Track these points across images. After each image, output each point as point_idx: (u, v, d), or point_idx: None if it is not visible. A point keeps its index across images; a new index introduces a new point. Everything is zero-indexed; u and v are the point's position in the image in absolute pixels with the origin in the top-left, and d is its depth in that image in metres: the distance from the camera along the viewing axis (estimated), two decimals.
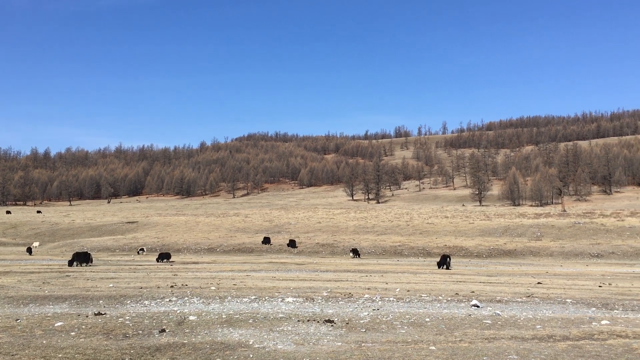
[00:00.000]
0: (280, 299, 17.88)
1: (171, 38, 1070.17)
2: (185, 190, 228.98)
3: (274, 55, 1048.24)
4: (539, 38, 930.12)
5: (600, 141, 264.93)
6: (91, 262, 38.14)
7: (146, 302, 17.30)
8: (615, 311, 16.06)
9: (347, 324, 13.49)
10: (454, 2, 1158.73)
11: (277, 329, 12.88)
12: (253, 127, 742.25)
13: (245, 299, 17.88)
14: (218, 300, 17.64)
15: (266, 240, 61.13)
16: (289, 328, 12.94)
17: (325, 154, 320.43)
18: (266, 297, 18.32)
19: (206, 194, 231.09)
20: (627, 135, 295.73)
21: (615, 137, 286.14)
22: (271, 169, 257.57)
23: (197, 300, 17.63)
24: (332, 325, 13.30)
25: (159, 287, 21.61)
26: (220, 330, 12.66)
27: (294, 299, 17.86)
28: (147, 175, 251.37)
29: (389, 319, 14.11)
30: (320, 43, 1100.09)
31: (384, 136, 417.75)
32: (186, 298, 18.14)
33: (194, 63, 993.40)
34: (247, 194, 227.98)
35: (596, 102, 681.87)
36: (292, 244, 59.70)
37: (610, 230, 61.24)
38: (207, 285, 22.37)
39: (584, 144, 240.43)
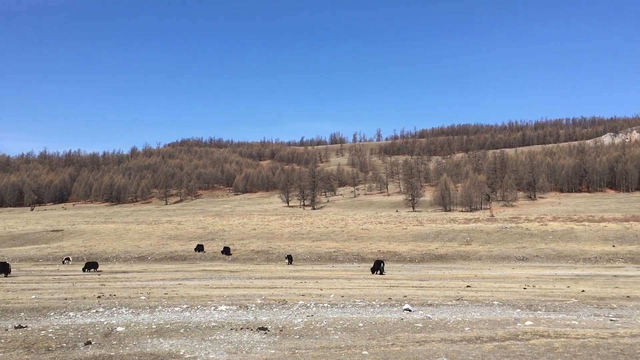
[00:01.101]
0: (213, 308, 17.53)
1: (99, 41, 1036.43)
2: (115, 197, 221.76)
3: (207, 61, 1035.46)
4: (469, 51, 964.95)
5: (526, 149, 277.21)
6: (9, 272, 36.11)
7: (71, 313, 16.53)
8: (538, 312, 16.71)
9: (281, 331, 13.36)
10: (390, 14, 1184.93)
11: (210, 338, 12.59)
12: (187, 133, 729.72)
13: (176, 308, 17.42)
14: (148, 310, 17.09)
15: (199, 248, 60.05)
16: (222, 337, 12.68)
17: (260, 160, 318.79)
18: (199, 306, 17.91)
19: (137, 201, 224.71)
20: (550, 143, 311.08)
21: (539, 145, 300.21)
22: (205, 175, 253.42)
23: (125, 311, 17.00)
24: (265, 333, 13.14)
25: (85, 298, 20.73)
26: (149, 341, 12.23)
27: (228, 307, 17.56)
28: (74, 181, 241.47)
29: (323, 324, 14.08)
30: (255, 50, 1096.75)
31: (319, 143, 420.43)
32: (114, 308, 17.48)
33: (124, 67, 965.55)
34: (181, 200, 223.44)
35: (522, 112, 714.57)
36: (226, 251, 58.93)
37: (535, 235, 63.96)
38: (137, 295, 21.65)
39: (510, 151, 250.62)
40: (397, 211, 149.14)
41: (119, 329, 13.64)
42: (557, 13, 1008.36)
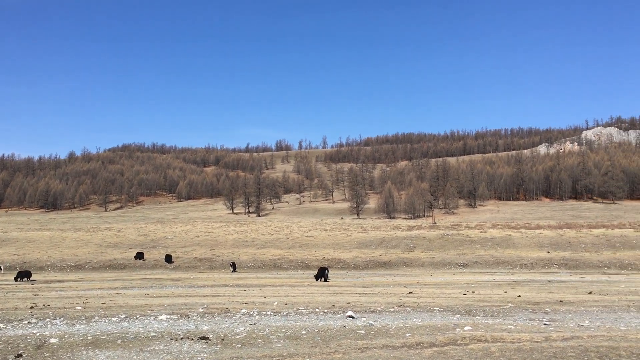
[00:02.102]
0: (152, 317, 17.08)
1: (35, 42, 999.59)
2: (52, 203, 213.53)
3: (150, 65, 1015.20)
4: (413, 63, 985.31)
5: (467, 158, 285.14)
6: None
7: (1, 325, 15.75)
8: (477, 317, 17.12)
9: (223, 340, 13.15)
10: (337, 22, 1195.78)
11: (148, 348, 12.24)
12: (128, 138, 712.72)
13: (114, 318, 16.87)
14: (84, 321, 16.48)
15: (139, 256, 58.56)
16: (161, 347, 12.36)
17: (205, 167, 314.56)
18: (138, 316, 17.42)
19: (75, 208, 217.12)
20: (490, 152, 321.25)
21: (480, 155, 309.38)
22: (147, 182, 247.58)
23: (60, 322, 16.34)
24: (207, 342, 12.90)
25: (16, 309, 19.80)
26: (84, 353, 11.79)
27: (168, 317, 17.15)
28: (7, 187, 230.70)
29: (265, 333, 13.96)
30: (199, 56, 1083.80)
31: (265, 149, 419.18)
32: (48, 319, 16.76)
33: (62, 69, 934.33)
34: (121, 207, 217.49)
35: (463, 122, 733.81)
36: (168, 259, 57.71)
37: (475, 242, 65.69)
38: (73, 305, 20.86)
39: (452, 160, 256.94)
40: (342, 218, 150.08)
41: (53, 340, 13.09)
42: (497, 28, 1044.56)
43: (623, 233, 67.77)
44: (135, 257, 58.24)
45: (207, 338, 13.37)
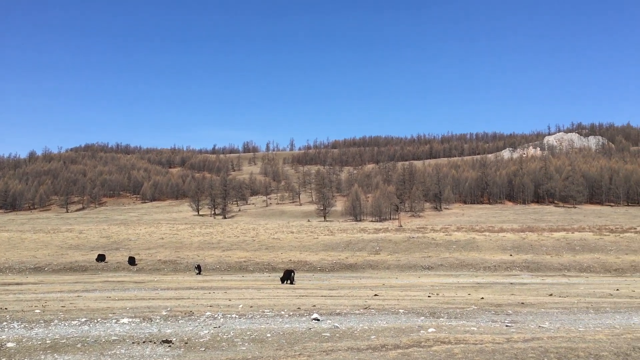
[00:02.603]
0: (114, 320, 16.73)
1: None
2: (10, 203, 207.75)
3: (115, 64, 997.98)
4: (381, 66, 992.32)
5: (433, 161, 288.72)
6: None
7: None
8: (441, 319, 17.30)
9: (186, 343, 12.97)
10: (302, 25, 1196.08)
11: (109, 352, 11.99)
12: (91, 138, 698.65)
13: (74, 322, 16.47)
14: (43, 324, 16.03)
15: (100, 258, 57.42)
16: (122, 351, 12.12)
17: (170, 168, 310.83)
18: (99, 319, 17.04)
19: (35, 208, 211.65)
20: (455, 156, 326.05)
21: (445, 158, 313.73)
22: (111, 182, 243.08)
23: (17, 325, 15.87)
24: (169, 346, 12.70)
25: None
26: (43, 357, 11.48)
27: (130, 320, 16.84)
28: None
29: (230, 336, 13.82)
30: (164, 55, 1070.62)
31: (232, 151, 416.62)
32: (5, 323, 16.26)
33: (21, 66, 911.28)
34: (83, 208, 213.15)
35: (430, 126, 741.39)
36: (131, 261, 56.76)
37: (440, 244, 66.47)
38: (31, 309, 20.29)
39: (418, 163, 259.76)
40: (308, 221, 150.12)
41: (9, 344, 12.70)
42: (461, 34, 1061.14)
43: (582, 236, 69.52)
44: (97, 259, 57.09)
45: (170, 341, 13.17)
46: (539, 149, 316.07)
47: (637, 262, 55.29)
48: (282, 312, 18.69)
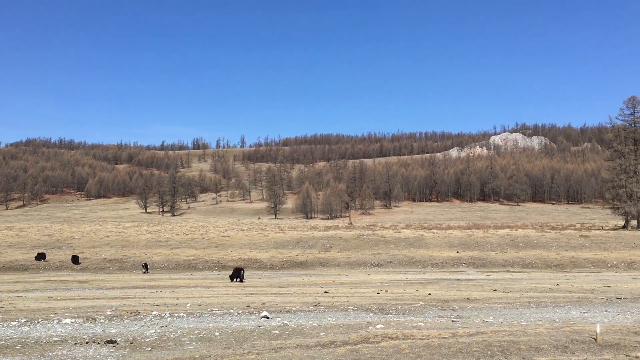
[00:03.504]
0: (56, 321, 16.18)
1: None
2: None
3: (60, 57, 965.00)
4: (331, 64, 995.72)
5: (383, 160, 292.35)
6: None
7: None
8: (389, 315, 17.52)
9: (131, 343, 12.68)
10: (251, 23, 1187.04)
11: (50, 354, 11.59)
12: (33, 132, 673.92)
13: (13, 323, 15.83)
14: None
15: (40, 256, 55.41)
16: (64, 352, 11.74)
17: (117, 164, 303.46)
18: (40, 320, 16.44)
19: None
20: (405, 155, 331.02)
21: (395, 157, 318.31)
22: (54, 179, 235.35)
23: None
24: (114, 346, 12.38)
25: None
26: None
27: (73, 320, 16.32)
28: None
29: (177, 335, 13.59)
30: (110, 49, 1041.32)
31: (181, 147, 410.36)
32: None
33: None
34: (24, 205, 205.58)
35: (380, 124, 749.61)
36: (74, 259, 55.04)
37: (389, 242, 67.29)
38: None
39: (369, 162, 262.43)
40: (259, 218, 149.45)
41: None
42: (411, 34, 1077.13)
43: (526, 233, 71.79)
44: (36, 258, 55.07)
45: (115, 342, 12.84)
46: (485, 148, 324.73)
47: (576, 258, 57.52)
48: (231, 310, 18.52)
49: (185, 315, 17.52)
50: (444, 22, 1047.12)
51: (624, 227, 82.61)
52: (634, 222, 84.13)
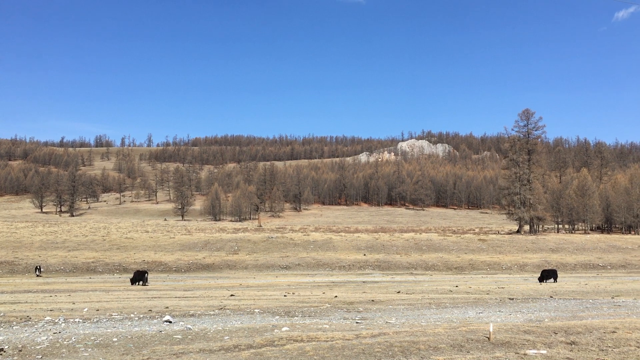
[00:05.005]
0: None
1: None
2: None
3: None
4: (242, 62, 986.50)
5: (294, 163, 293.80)
6: None
7: None
8: (295, 318, 17.54)
9: (21, 351, 11.82)
10: (164, 16, 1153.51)
11: None
12: None
13: None
14: None
15: None
16: None
17: (10, 160, 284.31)
18: None
19: None
20: (316, 158, 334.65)
21: (306, 160, 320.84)
22: None
23: None
24: (0, 355, 11.49)
25: None
26: None
27: None
28: None
29: (71, 342, 12.84)
30: (4, 38, 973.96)
31: (82, 145, 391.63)
32: None
33: None
34: None
35: (292, 127, 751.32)
36: None
37: (298, 244, 67.65)
38: None
39: (279, 164, 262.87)
40: (165, 220, 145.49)
41: None
42: (316, 35, 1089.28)
43: (429, 237, 74.68)
44: None
45: (2, 349, 11.93)
46: (393, 154, 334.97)
47: (474, 260, 60.55)
48: (132, 315, 17.80)
49: (81, 320, 16.63)
50: (351, 26, 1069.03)
51: (518, 231, 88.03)
52: (526, 227, 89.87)
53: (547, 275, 39.01)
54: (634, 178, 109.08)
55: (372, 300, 23.71)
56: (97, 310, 19.46)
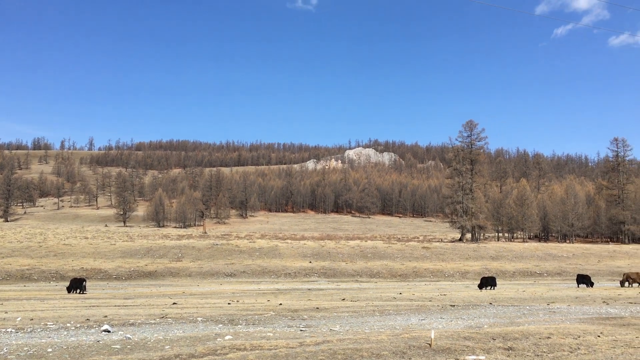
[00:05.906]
0: None
1: None
2: None
3: None
4: (188, 66, 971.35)
5: (241, 169, 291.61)
6: None
7: None
8: (239, 326, 17.33)
9: None
10: (108, 18, 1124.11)
11: None
12: None
13: None
14: None
15: None
16: None
17: None
18: None
19: None
20: (263, 165, 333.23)
21: (253, 166, 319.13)
22: None
23: None
24: None
25: None
26: None
27: None
28: None
29: (2, 352, 12.25)
30: None
31: (19, 147, 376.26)
32: None
33: None
34: None
35: (239, 133, 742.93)
36: None
37: (244, 251, 67.04)
38: None
39: (226, 170, 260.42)
40: (106, 226, 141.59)
41: None
42: (264, 43, 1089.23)
43: (374, 245, 75.49)
44: None
45: None
46: (340, 161, 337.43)
47: (418, 268, 61.61)
48: (68, 325, 17.17)
49: (14, 330, 15.91)
50: (300, 33, 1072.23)
51: (460, 239, 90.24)
52: (468, 235, 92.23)
53: (487, 282, 40.10)
54: (569, 189, 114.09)
55: (317, 308, 23.72)
56: (32, 319, 18.68)
